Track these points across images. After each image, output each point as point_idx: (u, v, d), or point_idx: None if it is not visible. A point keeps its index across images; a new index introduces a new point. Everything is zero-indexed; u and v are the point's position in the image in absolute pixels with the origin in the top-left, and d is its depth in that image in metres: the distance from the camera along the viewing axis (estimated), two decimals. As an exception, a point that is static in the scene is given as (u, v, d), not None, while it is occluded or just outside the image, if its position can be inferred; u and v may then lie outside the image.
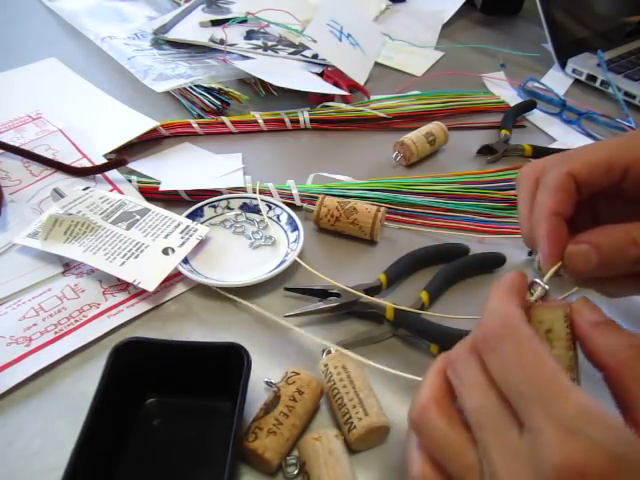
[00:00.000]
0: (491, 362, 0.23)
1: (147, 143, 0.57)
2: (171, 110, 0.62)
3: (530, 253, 0.47)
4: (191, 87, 0.62)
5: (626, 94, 0.68)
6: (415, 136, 0.56)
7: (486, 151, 0.59)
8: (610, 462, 0.19)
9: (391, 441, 0.34)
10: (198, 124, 0.59)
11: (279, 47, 0.71)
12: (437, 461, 0.24)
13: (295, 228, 0.46)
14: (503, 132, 0.60)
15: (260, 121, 0.60)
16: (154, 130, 0.57)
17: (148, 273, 0.41)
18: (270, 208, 0.48)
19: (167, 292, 0.42)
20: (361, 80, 0.68)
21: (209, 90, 0.61)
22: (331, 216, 0.46)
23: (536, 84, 0.70)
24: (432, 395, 0.25)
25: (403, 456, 0.26)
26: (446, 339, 0.37)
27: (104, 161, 0.53)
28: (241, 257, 0.45)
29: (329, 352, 0.37)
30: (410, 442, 0.26)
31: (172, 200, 0.50)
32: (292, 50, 0.71)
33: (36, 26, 0.80)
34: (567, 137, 0.63)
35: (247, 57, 0.68)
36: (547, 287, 0.26)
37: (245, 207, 0.49)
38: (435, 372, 0.26)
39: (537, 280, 0.26)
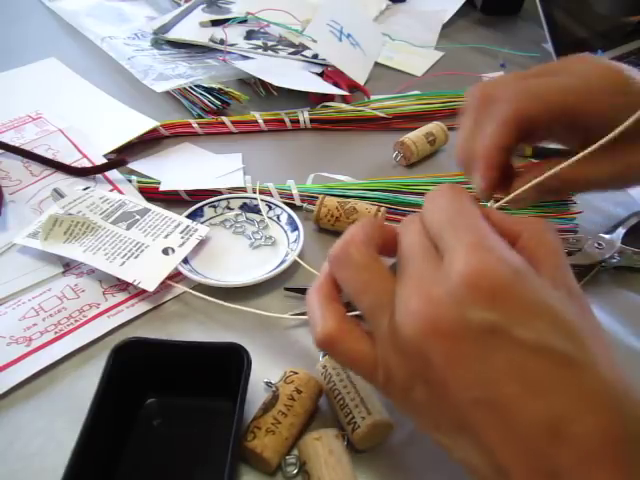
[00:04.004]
0: (427, 210, 0.26)
1: (147, 143, 0.57)
2: (171, 110, 0.62)
3: None
4: (191, 87, 0.62)
5: (626, 94, 0.68)
6: (415, 136, 0.56)
7: (486, 151, 0.59)
8: (509, 272, 0.21)
9: (392, 441, 0.34)
10: (198, 124, 0.59)
11: (279, 47, 0.71)
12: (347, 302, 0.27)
13: (295, 228, 0.46)
14: (503, 132, 0.60)
15: (260, 121, 0.60)
16: (154, 130, 0.57)
17: (148, 273, 0.41)
18: (270, 208, 0.48)
19: (167, 292, 0.42)
20: (361, 80, 0.68)
21: (209, 90, 0.61)
22: (331, 216, 0.46)
23: (536, 84, 0.70)
24: (360, 235, 0.26)
25: (308, 317, 0.27)
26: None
27: (104, 161, 0.53)
28: (241, 257, 0.45)
29: (326, 354, 0.37)
30: (312, 302, 0.27)
31: (172, 200, 0.50)
32: (292, 50, 0.71)
33: (36, 26, 0.80)
34: (567, 137, 0.63)
35: (247, 57, 0.68)
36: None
37: (245, 207, 0.49)
38: (367, 222, 0.27)
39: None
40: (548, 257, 0.24)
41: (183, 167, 0.54)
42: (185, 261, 0.43)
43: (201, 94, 0.61)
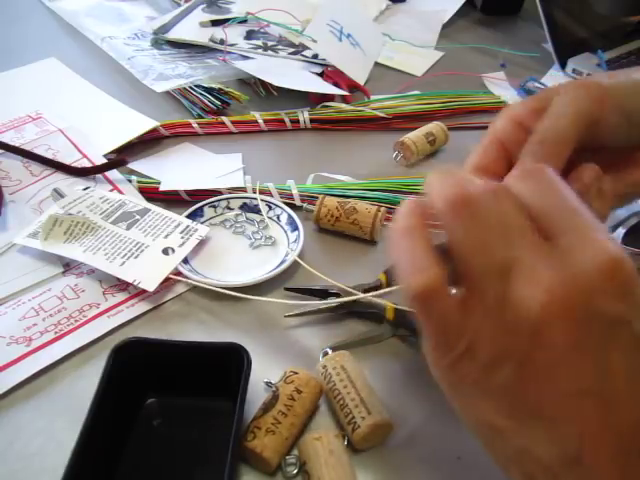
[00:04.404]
0: (529, 189, 0.23)
1: (147, 143, 0.57)
2: (171, 110, 0.62)
3: None
4: (191, 87, 0.62)
5: (626, 94, 0.68)
6: (415, 136, 0.56)
7: (486, 151, 0.59)
8: (635, 267, 0.20)
9: (391, 441, 0.34)
10: (198, 124, 0.59)
11: (279, 47, 0.71)
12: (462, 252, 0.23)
13: (295, 228, 0.46)
14: (503, 132, 0.60)
15: (260, 121, 0.60)
16: (154, 130, 0.57)
17: (148, 273, 0.41)
18: (270, 208, 0.48)
19: (167, 292, 0.42)
20: (361, 80, 0.68)
21: (209, 90, 0.61)
22: (331, 216, 0.46)
23: (536, 84, 0.70)
24: (492, 183, 0.24)
25: (398, 260, 0.24)
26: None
27: (104, 161, 0.53)
28: (241, 257, 0.45)
29: (326, 354, 0.37)
30: (410, 243, 0.24)
31: (172, 200, 0.50)
32: (292, 50, 0.71)
33: (36, 26, 0.80)
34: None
35: (247, 57, 0.68)
36: None
37: (245, 207, 0.49)
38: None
39: None
40: None
41: (183, 167, 0.54)
42: (185, 261, 0.43)
43: (201, 94, 0.61)
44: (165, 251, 0.43)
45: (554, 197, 0.23)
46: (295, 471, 0.32)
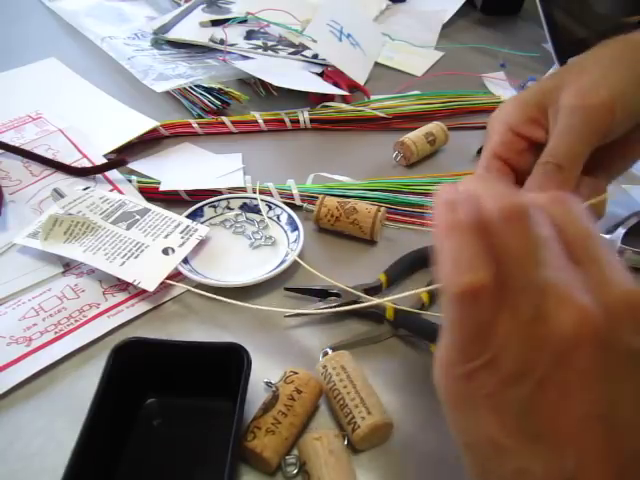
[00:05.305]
0: (561, 214, 0.24)
1: (147, 143, 0.57)
2: (171, 110, 0.63)
3: None
4: (191, 87, 0.62)
5: (626, 94, 0.68)
6: (415, 136, 0.56)
7: (486, 151, 0.59)
8: None
9: (392, 441, 0.34)
10: (198, 124, 0.59)
11: (279, 47, 0.71)
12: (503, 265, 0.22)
13: (295, 228, 0.46)
14: (503, 132, 0.60)
15: (260, 121, 0.60)
16: (154, 130, 0.57)
17: (148, 273, 0.41)
18: (270, 208, 0.49)
19: (167, 292, 0.42)
20: (361, 80, 0.68)
21: (209, 90, 0.61)
22: (331, 216, 0.47)
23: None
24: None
25: (445, 252, 0.24)
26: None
27: (104, 161, 0.53)
28: (241, 257, 0.45)
29: (326, 354, 0.37)
30: (463, 238, 0.23)
31: (172, 200, 0.50)
32: (292, 50, 0.71)
33: (36, 26, 0.80)
34: (567, 137, 0.63)
35: (247, 57, 0.68)
36: None
37: (245, 207, 0.49)
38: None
39: None
40: None
41: (183, 167, 0.54)
42: (185, 261, 0.43)
43: (201, 94, 0.61)
44: (165, 251, 0.43)
45: (582, 225, 0.24)
46: (295, 471, 0.32)
